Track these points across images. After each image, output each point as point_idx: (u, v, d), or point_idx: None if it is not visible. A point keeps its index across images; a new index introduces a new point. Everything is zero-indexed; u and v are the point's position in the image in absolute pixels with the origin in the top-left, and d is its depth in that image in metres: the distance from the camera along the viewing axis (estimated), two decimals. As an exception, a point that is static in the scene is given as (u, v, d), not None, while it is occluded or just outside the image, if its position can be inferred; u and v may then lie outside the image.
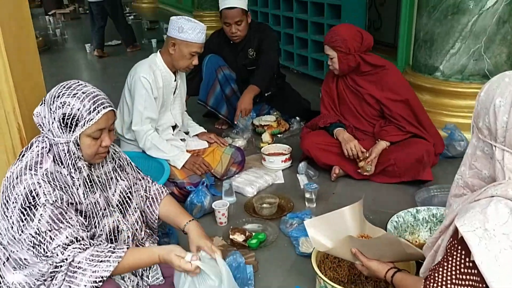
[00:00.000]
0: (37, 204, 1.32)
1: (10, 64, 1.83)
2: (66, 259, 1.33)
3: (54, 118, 1.39)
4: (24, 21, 2.02)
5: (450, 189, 1.32)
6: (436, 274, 1.12)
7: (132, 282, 1.53)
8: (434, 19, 3.06)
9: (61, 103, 1.38)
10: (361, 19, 4.09)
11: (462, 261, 1.08)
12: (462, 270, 1.08)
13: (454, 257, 1.10)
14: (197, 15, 8.54)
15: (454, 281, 1.08)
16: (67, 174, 1.44)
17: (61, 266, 1.34)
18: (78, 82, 1.46)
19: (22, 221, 1.32)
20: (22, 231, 1.33)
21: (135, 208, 1.67)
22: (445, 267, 1.11)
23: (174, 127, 2.66)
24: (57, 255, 1.33)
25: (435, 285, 1.12)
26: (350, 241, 1.59)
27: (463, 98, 3.08)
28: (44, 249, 1.33)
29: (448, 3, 2.95)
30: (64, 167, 1.44)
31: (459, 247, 1.09)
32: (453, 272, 1.09)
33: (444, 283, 1.10)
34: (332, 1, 4.22)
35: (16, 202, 1.33)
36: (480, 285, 1.04)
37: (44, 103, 1.44)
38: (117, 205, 1.59)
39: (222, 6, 3.20)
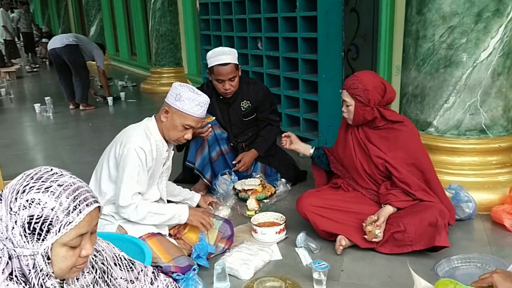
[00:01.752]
0: None
1: None
2: None
3: (16, 222, 1.01)
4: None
5: None
6: None
7: None
8: (424, 73, 2.91)
9: (27, 201, 1.00)
10: (338, 74, 3.93)
11: None
12: None
13: None
14: (155, 71, 8.28)
15: None
16: None
17: None
18: (51, 170, 1.07)
19: None
20: None
21: None
22: None
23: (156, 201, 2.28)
24: None
25: None
26: None
27: (461, 155, 2.88)
28: None
29: (439, 56, 2.81)
30: None
31: None
32: None
33: None
34: (308, 56, 4.05)
35: None
36: None
37: (1, 200, 1.04)
38: None
39: (213, 62, 2.97)
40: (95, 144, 4.63)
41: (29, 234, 1.01)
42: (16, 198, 1.01)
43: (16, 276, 1.02)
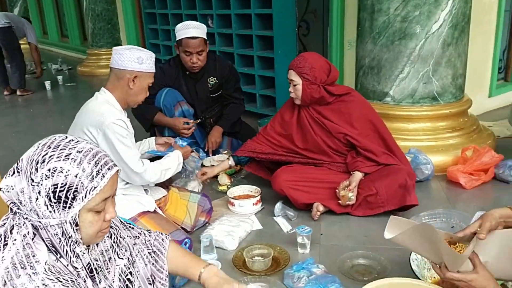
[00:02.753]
0: None
1: None
2: None
3: (39, 193, 0.99)
4: None
5: None
6: None
7: None
8: (380, 45, 3.06)
9: (49, 170, 0.99)
10: (293, 50, 4.01)
11: None
12: None
13: None
14: (92, 53, 7.93)
15: None
16: (67, 265, 1.01)
17: None
18: (65, 137, 1.06)
19: None
20: None
21: None
22: None
23: None
24: None
25: None
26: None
27: (416, 122, 3.09)
28: None
29: (394, 28, 2.97)
30: (61, 257, 1.01)
31: None
32: None
33: None
34: (262, 32, 4.09)
35: None
36: None
37: (19, 172, 1.02)
38: None
39: (182, 35, 2.95)
40: (41, 130, 4.43)
41: (55, 203, 1.00)
42: (36, 169, 1.00)
43: (46, 245, 1.01)
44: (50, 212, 1.00)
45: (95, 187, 1.02)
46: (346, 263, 2.04)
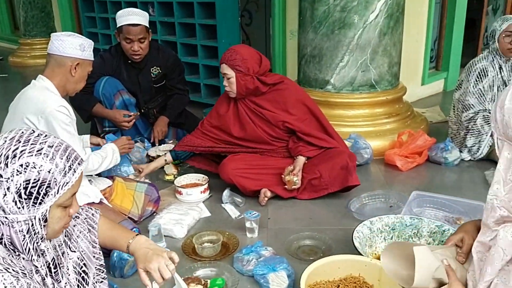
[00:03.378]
0: None
1: None
2: None
3: (8, 189, 0.97)
4: None
5: (484, 213, 1.22)
6: None
7: None
8: (321, 35, 3.16)
9: (21, 165, 0.97)
10: (237, 39, 4.03)
11: None
12: None
13: None
14: (25, 43, 7.52)
15: None
16: (26, 263, 1.00)
17: None
18: (32, 130, 1.04)
19: None
20: None
21: (94, 284, 1.26)
22: None
23: None
24: None
25: None
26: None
27: (355, 108, 3.23)
28: None
29: (334, 18, 3.07)
30: (20, 255, 1.00)
31: None
32: None
33: None
34: (206, 21, 4.07)
35: None
36: None
37: None
38: None
39: (123, 22, 2.87)
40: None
41: (25, 199, 0.98)
42: (6, 164, 0.97)
43: (4, 242, 0.98)
44: (19, 208, 0.98)
45: (67, 183, 1.02)
46: (293, 245, 2.11)
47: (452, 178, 2.87)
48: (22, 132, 1.02)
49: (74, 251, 1.24)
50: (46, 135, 1.05)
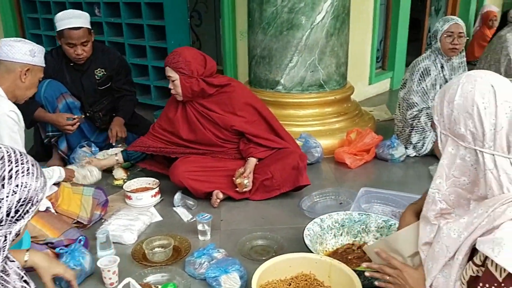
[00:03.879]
0: None
1: None
2: None
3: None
4: None
5: (425, 205, 1.25)
6: None
7: None
8: (270, 35, 3.18)
9: (17, 186, 1.00)
10: (186, 40, 3.99)
11: None
12: None
13: None
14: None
15: None
16: None
17: None
18: (14, 151, 1.06)
19: None
20: None
21: None
22: None
23: None
24: None
25: None
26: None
27: (305, 108, 3.27)
28: None
29: (282, 19, 3.10)
30: None
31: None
32: None
33: None
34: (154, 22, 4.00)
35: None
36: None
37: None
38: None
39: (63, 26, 2.77)
40: None
41: (12, 217, 1.00)
42: (3, 185, 0.98)
43: None
44: (2, 226, 0.99)
45: (41, 199, 1.07)
46: (245, 245, 2.11)
47: (398, 174, 2.97)
48: (7, 151, 1.03)
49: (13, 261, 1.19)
50: (21, 153, 1.07)
